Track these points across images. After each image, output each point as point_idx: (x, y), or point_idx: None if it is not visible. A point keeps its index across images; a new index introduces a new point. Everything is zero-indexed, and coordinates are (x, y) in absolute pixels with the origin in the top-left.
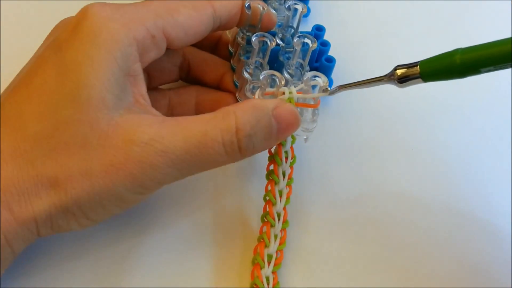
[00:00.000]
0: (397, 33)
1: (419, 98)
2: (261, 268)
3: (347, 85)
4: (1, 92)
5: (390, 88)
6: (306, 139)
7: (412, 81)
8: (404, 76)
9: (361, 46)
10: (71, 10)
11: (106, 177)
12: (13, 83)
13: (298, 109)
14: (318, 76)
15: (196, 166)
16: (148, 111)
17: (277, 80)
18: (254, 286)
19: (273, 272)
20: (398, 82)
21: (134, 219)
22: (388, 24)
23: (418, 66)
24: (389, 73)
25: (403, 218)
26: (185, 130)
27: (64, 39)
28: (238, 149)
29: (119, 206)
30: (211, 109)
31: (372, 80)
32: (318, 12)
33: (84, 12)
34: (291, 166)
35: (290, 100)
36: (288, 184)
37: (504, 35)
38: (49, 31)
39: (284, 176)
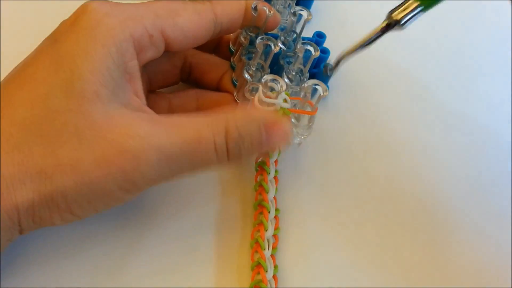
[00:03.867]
0: (397, 35)
1: (417, 95)
2: (262, 249)
3: (348, 53)
4: None
5: (387, 86)
6: (299, 144)
7: (414, 16)
8: (404, 15)
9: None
10: (72, 10)
11: (96, 169)
12: (9, 74)
13: (296, 115)
14: (318, 85)
15: (187, 165)
16: (143, 109)
17: (278, 85)
18: (256, 267)
19: (271, 255)
20: (400, 25)
21: (132, 218)
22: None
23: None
24: (384, 23)
25: (401, 214)
26: (180, 127)
27: (61, 32)
28: (226, 152)
29: (105, 203)
30: (212, 110)
31: (372, 37)
32: (318, 14)
33: (83, 7)
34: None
35: (284, 111)
36: (275, 175)
37: (504, 35)
38: (49, 31)
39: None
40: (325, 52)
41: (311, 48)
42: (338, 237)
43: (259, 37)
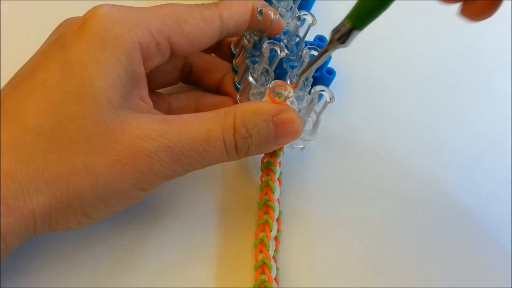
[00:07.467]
0: (397, 35)
1: (419, 98)
2: (267, 249)
3: (304, 70)
4: (2, 88)
5: (392, 88)
6: (302, 149)
7: (351, 36)
8: (342, 35)
9: (360, 49)
10: (72, 10)
11: (111, 171)
12: (15, 78)
13: None
14: (324, 91)
15: (199, 162)
16: (152, 112)
17: (285, 91)
18: (260, 266)
19: (273, 257)
20: (340, 43)
21: (135, 217)
22: (388, 25)
23: (348, 20)
24: (329, 41)
25: (402, 218)
26: (190, 127)
27: (69, 37)
28: (235, 149)
29: (121, 203)
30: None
31: (321, 54)
32: (319, 15)
33: (92, 12)
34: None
35: None
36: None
37: (504, 35)
38: (50, 31)
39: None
40: None
41: (316, 53)
42: (339, 241)
43: (266, 42)
